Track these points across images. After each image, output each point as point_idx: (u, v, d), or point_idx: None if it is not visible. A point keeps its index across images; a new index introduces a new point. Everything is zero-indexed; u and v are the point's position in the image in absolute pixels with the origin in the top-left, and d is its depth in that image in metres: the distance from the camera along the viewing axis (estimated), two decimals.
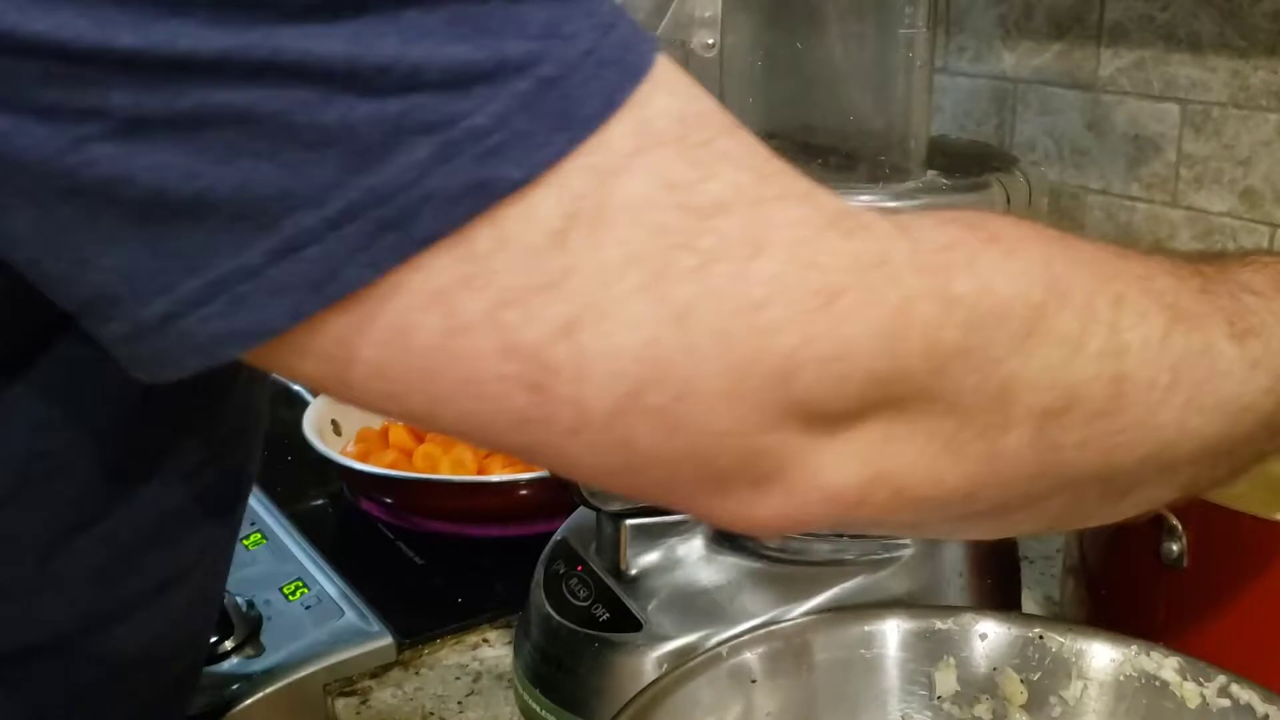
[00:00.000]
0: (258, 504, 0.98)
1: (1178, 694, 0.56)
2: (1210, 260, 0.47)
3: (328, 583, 0.87)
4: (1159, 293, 0.42)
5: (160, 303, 0.32)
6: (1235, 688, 0.55)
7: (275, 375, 0.37)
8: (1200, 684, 0.56)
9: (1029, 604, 0.83)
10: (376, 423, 1.05)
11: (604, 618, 0.64)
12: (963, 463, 0.39)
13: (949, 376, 0.37)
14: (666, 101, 0.34)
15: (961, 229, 0.39)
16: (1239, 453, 0.47)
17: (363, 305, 0.32)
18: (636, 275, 0.33)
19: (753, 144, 0.36)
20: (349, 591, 0.86)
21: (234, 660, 0.79)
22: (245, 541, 0.93)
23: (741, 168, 0.35)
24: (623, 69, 0.34)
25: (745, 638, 0.58)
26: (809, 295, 0.34)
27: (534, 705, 0.66)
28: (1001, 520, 0.44)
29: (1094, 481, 0.42)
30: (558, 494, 0.81)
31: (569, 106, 0.32)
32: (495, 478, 0.93)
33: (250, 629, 0.81)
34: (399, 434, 1.02)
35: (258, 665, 0.79)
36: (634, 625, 0.63)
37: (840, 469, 0.37)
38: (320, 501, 1.02)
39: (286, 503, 0.99)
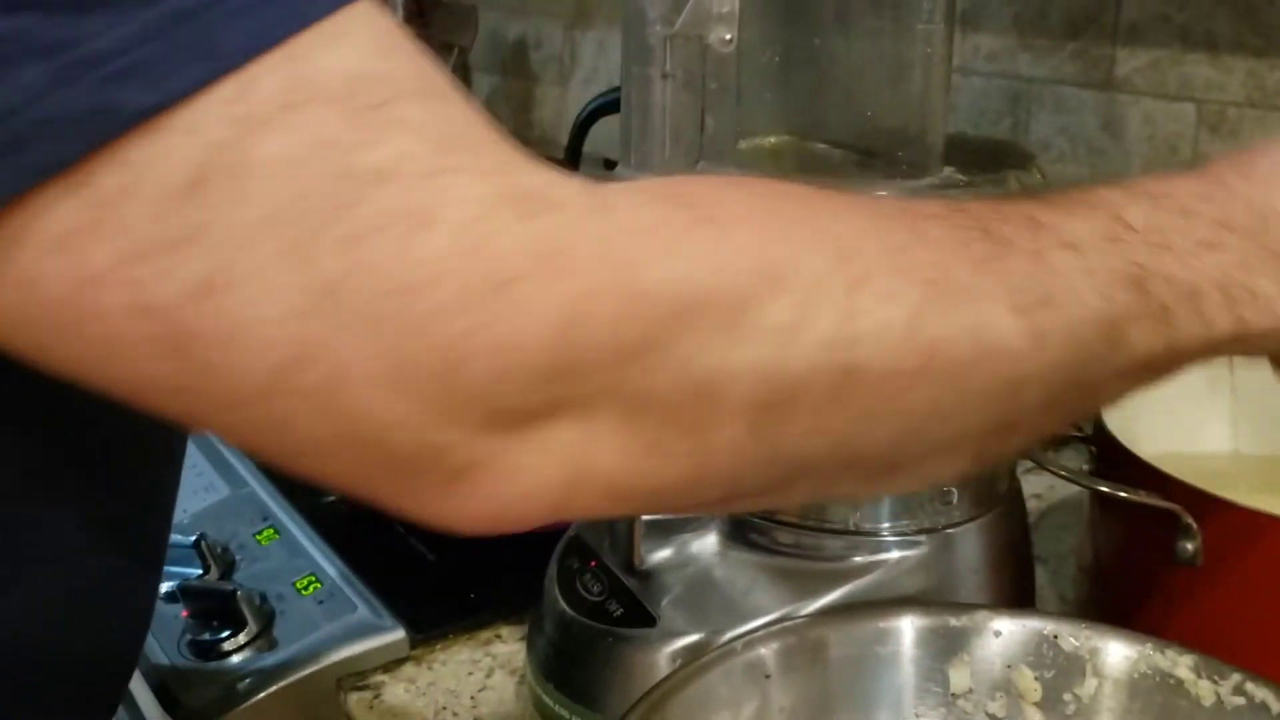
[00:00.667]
0: (270, 499, 0.99)
1: (1192, 692, 0.56)
2: (1046, 203, 0.44)
3: (340, 578, 0.87)
4: (920, 267, 0.39)
5: None
6: (1250, 686, 0.54)
7: None
8: (1215, 682, 0.55)
9: (1044, 603, 0.83)
10: None
11: (617, 613, 0.64)
12: (672, 460, 0.36)
13: (637, 372, 0.35)
14: (338, 55, 0.32)
15: (671, 208, 0.36)
16: (1036, 422, 0.44)
17: None
18: (278, 239, 0.31)
19: (448, 112, 0.34)
20: (361, 586, 0.86)
21: (246, 654, 0.80)
22: (258, 536, 0.93)
23: (420, 136, 0.33)
24: (283, 10, 0.31)
25: (760, 633, 0.58)
26: (477, 280, 0.32)
27: (547, 699, 0.66)
28: (752, 501, 0.42)
29: (838, 465, 0.40)
30: None
31: (207, 39, 0.30)
32: None
33: (263, 623, 0.81)
34: None
35: (270, 659, 0.79)
36: (648, 620, 0.63)
37: (537, 469, 0.35)
38: (332, 498, 1.02)
39: (298, 498, 0.99)
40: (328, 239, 0.31)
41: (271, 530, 0.94)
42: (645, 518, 0.65)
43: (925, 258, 0.39)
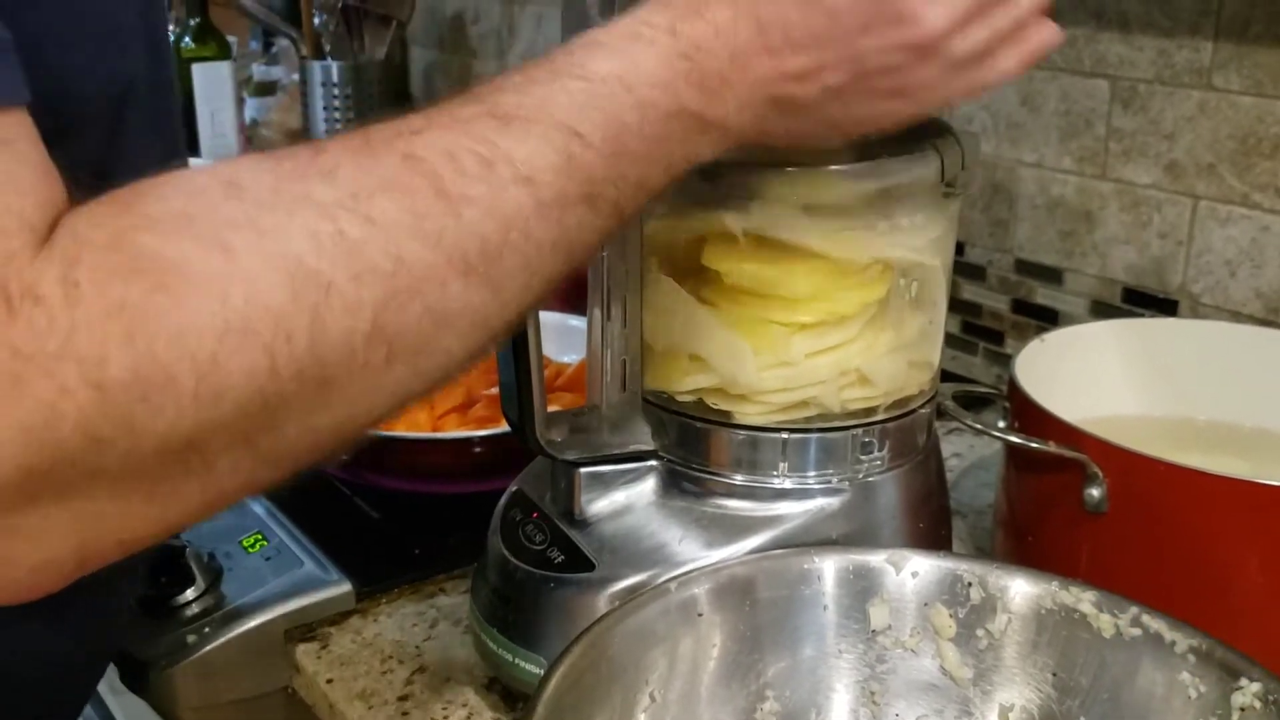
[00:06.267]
0: None
1: (1094, 625, 0.60)
2: (501, 120, 0.45)
3: (287, 536, 0.89)
4: (376, 262, 0.40)
5: None
6: (1145, 618, 0.59)
7: None
8: (1115, 615, 0.59)
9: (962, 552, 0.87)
10: None
11: (558, 560, 0.67)
12: (180, 501, 0.39)
13: (119, 452, 0.36)
14: None
15: (130, 281, 0.37)
16: (512, 321, 0.46)
17: None
18: None
19: None
20: (308, 543, 0.88)
21: (194, 608, 0.82)
22: None
23: None
24: None
25: (692, 574, 0.61)
26: None
27: (491, 644, 0.69)
28: (264, 488, 0.43)
29: (338, 440, 0.43)
30: (510, 452, 0.84)
31: None
32: (449, 435, 0.96)
33: (210, 579, 0.83)
34: None
35: (218, 613, 0.81)
36: (587, 566, 0.66)
37: (37, 549, 0.37)
38: None
39: None
40: None
41: None
42: (585, 470, 0.68)
43: (380, 249, 0.41)
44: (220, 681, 0.80)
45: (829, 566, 0.63)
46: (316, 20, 1.80)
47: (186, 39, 1.86)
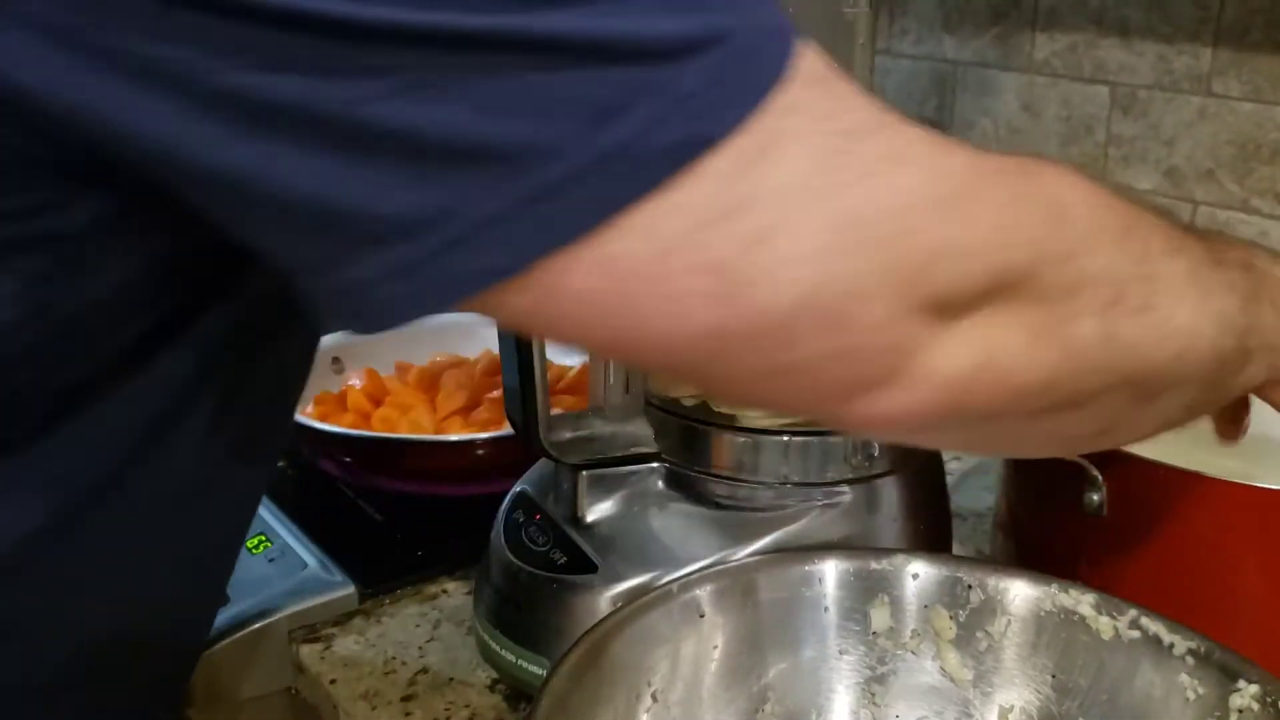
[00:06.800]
0: None
1: (1093, 627, 0.60)
2: (1200, 234, 0.53)
3: (290, 537, 0.89)
4: (1164, 232, 0.48)
5: (420, 243, 0.37)
6: (1145, 620, 0.59)
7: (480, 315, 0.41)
8: (1114, 618, 0.60)
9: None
10: (335, 386, 1.08)
11: (561, 561, 0.67)
12: (1049, 350, 0.44)
13: (1037, 269, 0.43)
14: (812, 54, 0.40)
15: (1023, 160, 0.45)
16: (1209, 388, 0.52)
17: (586, 243, 0.37)
18: (807, 193, 0.38)
19: (856, 88, 0.42)
20: (311, 545, 0.88)
21: None
22: None
23: (864, 101, 0.41)
24: (789, 33, 0.39)
25: (695, 576, 0.62)
26: (942, 200, 0.41)
27: (494, 645, 0.69)
28: (1064, 418, 0.48)
29: (1132, 380, 0.48)
30: (512, 454, 0.84)
31: (759, 71, 0.38)
32: (452, 437, 0.96)
33: None
34: (356, 397, 1.04)
35: (223, 614, 0.81)
36: (590, 568, 0.66)
37: (956, 356, 0.42)
38: (279, 463, 1.05)
39: None
40: (839, 184, 0.39)
41: None
42: (588, 472, 0.68)
43: (1161, 228, 0.49)
44: (224, 682, 0.80)
45: (830, 568, 0.63)
46: None
47: None
